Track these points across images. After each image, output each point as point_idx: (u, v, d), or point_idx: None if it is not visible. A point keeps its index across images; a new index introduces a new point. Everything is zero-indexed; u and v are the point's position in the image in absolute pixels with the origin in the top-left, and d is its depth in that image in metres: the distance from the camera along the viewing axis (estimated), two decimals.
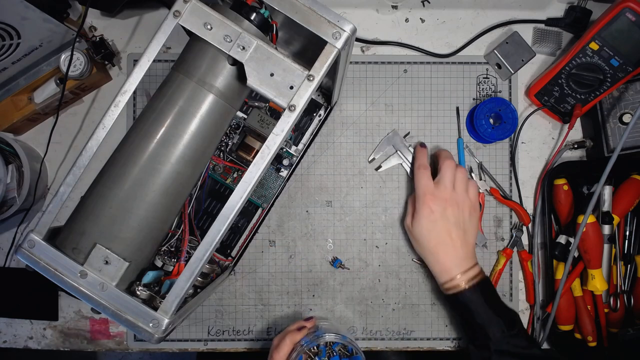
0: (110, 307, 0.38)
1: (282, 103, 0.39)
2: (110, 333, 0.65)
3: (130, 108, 0.65)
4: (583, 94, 0.61)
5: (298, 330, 0.56)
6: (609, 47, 0.58)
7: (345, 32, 0.39)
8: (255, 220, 0.64)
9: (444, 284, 0.57)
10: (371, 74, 0.65)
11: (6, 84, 0.61)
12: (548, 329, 0.61)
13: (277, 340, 0.56)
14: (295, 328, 0.56)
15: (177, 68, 0.41)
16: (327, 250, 0.65)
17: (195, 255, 0.39)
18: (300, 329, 0.56)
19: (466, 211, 0.58)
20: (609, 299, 0.63)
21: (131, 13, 0.65)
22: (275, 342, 0.56)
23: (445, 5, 0.65)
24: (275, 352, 0.53)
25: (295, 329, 0.56)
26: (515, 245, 0.65)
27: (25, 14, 0.51)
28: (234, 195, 0.39)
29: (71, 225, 0.40)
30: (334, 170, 0.65)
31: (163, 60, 0.65)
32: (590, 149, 0.64)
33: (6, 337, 0.65)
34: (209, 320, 0.65)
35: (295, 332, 0.55)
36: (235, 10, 0.41)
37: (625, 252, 0.64)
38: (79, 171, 0.39)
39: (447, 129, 0.65)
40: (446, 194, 0.57)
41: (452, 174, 0.58)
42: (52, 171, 0.65)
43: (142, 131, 0.40)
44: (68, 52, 0.56)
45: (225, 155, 0.62)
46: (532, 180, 0.66)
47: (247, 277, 0.65)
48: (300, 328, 0.56)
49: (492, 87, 0.65)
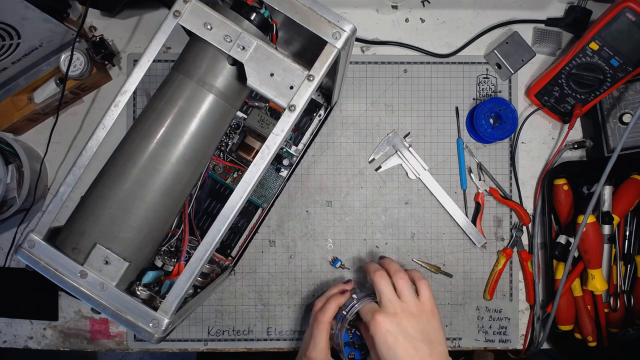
0: (110, 307, 0.38)
1: (282, 103, 0.39)
2: (110, 333, 0.65)
3: (130, 108, 0.65)
4: (583, 94, 0.61)
5: (341, 293, 0.55)
6: (609, 47, 0.58)
7: (345, 32, 0.39)
8: (255, 220, 0.64)
9: None
10: (371, 74, 0.65)
11: (6, 84, 0.61)
12: (548, 329, 0.61)
13: (320, 303, 0.55)
14: (338, 291, 0.56)
15: (177, 68, 0.41)
16: (327, 250, 0.65)
17: (195, 255, 0.39)
18: (343, 292, 0.56)
19: (424, 318, 0.50)
20: (609, 299, 0.63)
21: (131, 13, 0.65)
22: (319, 304, 0.55)
23: (445, 5, 0.65)
24: (320, 314, 0.53)
25: (338, 292, 0.56)
26: (515, 245, 0.65)
27: (25, 14, 0.51)
28: (234, 195, 0.39)
29: (71, 225, 0.40)
30: (334, 170, 0.65)
31: (163, 60, 0.65)
32: (590, 149, 0.64)
33: (6, 337, 0.65)
34: (209, 320, 0.65)
35: (338, 295, 0.55)
36: (235, 10, 0.41)
37: (625, 252, 0.64)
38: (79, 171, 0.39)
39: (447, 129, 0.65)
40: (395, 308, 0.49)
41: (388, 284, 0.51)
42: (52, 171, 0.65)
43: (142, 131, 0.40)
44: (68, 52, 0.56)
45: (225, 155, 0.62)
46: (532, 180, 0.66)
47: (247, 277, 0.65)
48: (342, 292, 0.56)
49: (492, 87, 0.65)
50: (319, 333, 0.53)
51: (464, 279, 0.65)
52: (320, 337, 0.53)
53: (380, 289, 0.51)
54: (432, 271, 0.65)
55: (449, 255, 0.65)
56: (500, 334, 0.65)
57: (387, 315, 0.49)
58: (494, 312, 0.65)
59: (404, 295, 0.51)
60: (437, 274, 0.65)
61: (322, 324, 0.53)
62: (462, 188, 0.65)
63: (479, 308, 0.65)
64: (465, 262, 0.65)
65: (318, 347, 0.52)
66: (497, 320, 0.65)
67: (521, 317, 0.65)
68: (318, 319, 0.53)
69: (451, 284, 0.65)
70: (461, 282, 0.65)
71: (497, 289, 0.65)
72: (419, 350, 0.47)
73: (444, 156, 0.65)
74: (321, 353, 0.52)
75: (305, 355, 0.53)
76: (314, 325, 0.54)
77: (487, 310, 0.65)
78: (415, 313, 0.50)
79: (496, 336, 0.65)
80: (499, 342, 0.65)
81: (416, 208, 0.65)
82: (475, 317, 0.65)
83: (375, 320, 0.49)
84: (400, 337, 0.48)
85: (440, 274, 0.65)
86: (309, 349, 0.53)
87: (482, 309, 0.65)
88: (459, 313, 0.65)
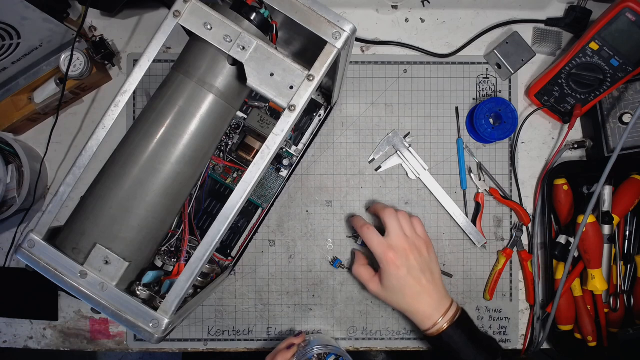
0: (110, 307, 0.38)
1: (282, 103, 0.39)
2: (110, 333, 0.65)
3: (130, 108, 0.65)
4: (583, 94, 0.61)
5: (287, 348, 0.57)
6: (609, 47, 0.58)
7: (345, 32, 0.39)
8: (255, 220, 0.64)
9: (427, 330, 0.57)
10: (371, 74, 0.65)
11: (6, 84, 0.61)
12: (548, 329, 0.61)
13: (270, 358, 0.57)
14: (285, 347, 0.58)
15: (177, 68, 0.41)
16: (327, 250, 0.65)
17: (195, 255, 0.39)
18: (290, 347, 0.57)
19: (424, 251, 0.57)
20: (609, 299, 0.63)
21: (131, 13, 0.65)
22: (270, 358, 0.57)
23: (445, 5, 0.65)
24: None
25: (285, 347, 0.57)
26: (515, 245, 0.65)
27: (25, 14, 0.51)
28: (234, 195, 0.39)
29: (71, 225, 0.40)
30: (334, 170, 0.65)
31: (163, 60, 0.65)
32: (590, 149, 0.64)
33: (6, 337, 0.65)
34: (209, 320, 0.65)
35: (285, 351, 0.57)
36: (235, 10, 0.41)
37: (625, 252, 0.64)
38: (79, 171, 0.39)
39: (447, 129, 0.65)
40: (403, 243, 0.56)
41: (397, 220, 0.57)
42: (52, 171, 0.65)
43: (142, 131, 0.40)
44: (68, 52, 0.56)
45: (225, 155, 0.62)
46: (532, 180, 0.66)
47: (247, 277, 0.65)
48: (289, 346, 0.57)
49: (492, 87, 0.65)
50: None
51: (464, 279, 0.65)
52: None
53: (390, 223, 0.57)
54: None
55: (449, 255, 0.65)
56: (500, 334, 0.65)
57: (397, 251, 0.55)
58: (494, 312, 0.65)
59: (406, 230, 0.57)
60: None
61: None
62: (462, 188, 0.65)
63: (479, 308, 0.65)
64: (465, 262, 0.65)
65: None
66: (497, 320, 0.65)
67: (521, 317, 0.65)
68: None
69: (451, 284, 0.65)
70: (461, 282, 0.65)
71: (497, 289, 0.65)
72: (422, 279, 0.56)
73: (444, 156, 0.65)
74: None
75: None
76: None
77: (487, 310, 0.65)
78: (418, 246, 0.57)
79: (496, 336, 0.65)
80: (499, 342, 0.65)
81: (416, 208, 0.65)
82: (475, 317, 0.65)
83: (388, 256, 0.55)
84: (409, 270, 0.56)
85: None
86: None
87: (482, 309, 0.65)
88: None
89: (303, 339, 0.60)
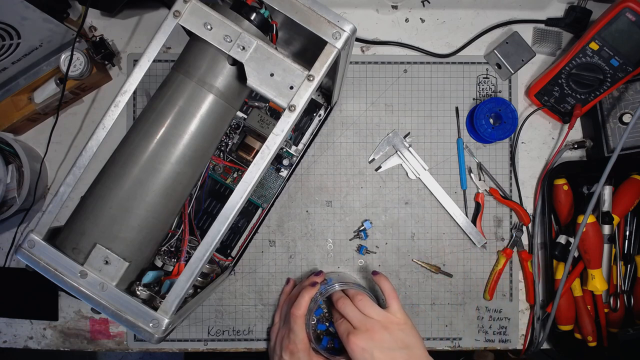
0: (110, 307, 0.38)
1: (282, 103, 0.39)
2: (110, 333, 0.65)
3: (130, 108, 0.65)
4: (583, 94, 0.61)
5: (312, 285, 0.57)
6: (609, 47, 0.58)
7: (345, 32, 0.39)
8: (255, 220, 0.64)
9: None
10: (371, 74, 0.65)
11: (6, 84, 0.61)
12: (548, 329, 0.61)
13: (293, 297, 0.57)
14: (309, 284, 0.57)
15: (177, 68, 0.41)
16: (327, 250, 0.65)
17: (195, 255, 0.39)
18: (313, 284, 0.57)
19: (395, 328, 0.52)
20: (609, 299, 0.63)
21: (131, 13, 0.65)
22: (292, 298, 0.57)
23: (445, 5, 0.65)
24: (295, 309, 0.54)
25: (309, 284, 0.57)
26: (515, 245, 0.65)
27: (25, 14, 0.51)
28: (234, 195, 0.39)
29: (71, 225, 0.40)
30: (334, 170, 0.65)
31: (163, 60, 0.65)
32: (590, 149, 0.64)
33: (6, 337, 0.65)
34: (209, 320, 0.65)
35: (310, 288, 0.56)
36: (235, 10, 0.41)
37: (625, 252, 0.64)
38: (79, 171, 0.39)
39: (447, 129, 0.65)
40: (365, 326, 0.51)
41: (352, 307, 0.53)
42: (52, 171, 0.65)
43: (142, 131, 0.40)
44: (68, 52, 0.56)
45: (225, 155, 0.62)
46: (532, 180, 0.66)
47: (247, 277, 0.65)
48: (313, 284, 0.57)
49: (492, 87, 0.65)
50: (297, 327, 0.54)
51: (464, 279, 0.65)
52: (298, 330, 0.54)
53: (346, 314, 0.53)
54: (432, 271, 0.65)
55: (449, 255, 0.65)
56: (500, 334, 0.65)
57: (359, 334, 0.51)
58: (494, 312, 0.65)
59: (369, 312, 0.53)
60: (437, 274, 0.65)
61: (299, 318, 0.55)
62: (462, 188, 0.65)
63: (479, 308, 0.65)
64: (465, 262, 0.65)
65: (299, 338, 0.54)
66: (497, 320, 0.65)
67: (521, 317, 0.65)
68: (294, 313, 0.55)
69: (451, 284, 0.65)
70: (461, 282, 0.65)
71: (497, 289, 0.65)
72: (396, 358, 0.50)
73: (444, 156, 0.65)
74: (301, 343, 0.54)
75: (286, 351, 0.55)
76: (290, 320, 0.55)
77: (487, 310, 0.65)
78: (386, 325, 0.52)
79: (496, 336, 0.65)
80: (499, 342, 0.65)
81: (416, 208, 0.65)
82: (475, 317, 0.65)
83: (350, 340, 0.51)
84: (376, 351, 0.50)
85: (440, 274, 0.65)
86: (289, 344, 0.55)
87: (482, 309, 0.65)
88: (459, 313, 0.65)
89: (323, 277, 0.60)
